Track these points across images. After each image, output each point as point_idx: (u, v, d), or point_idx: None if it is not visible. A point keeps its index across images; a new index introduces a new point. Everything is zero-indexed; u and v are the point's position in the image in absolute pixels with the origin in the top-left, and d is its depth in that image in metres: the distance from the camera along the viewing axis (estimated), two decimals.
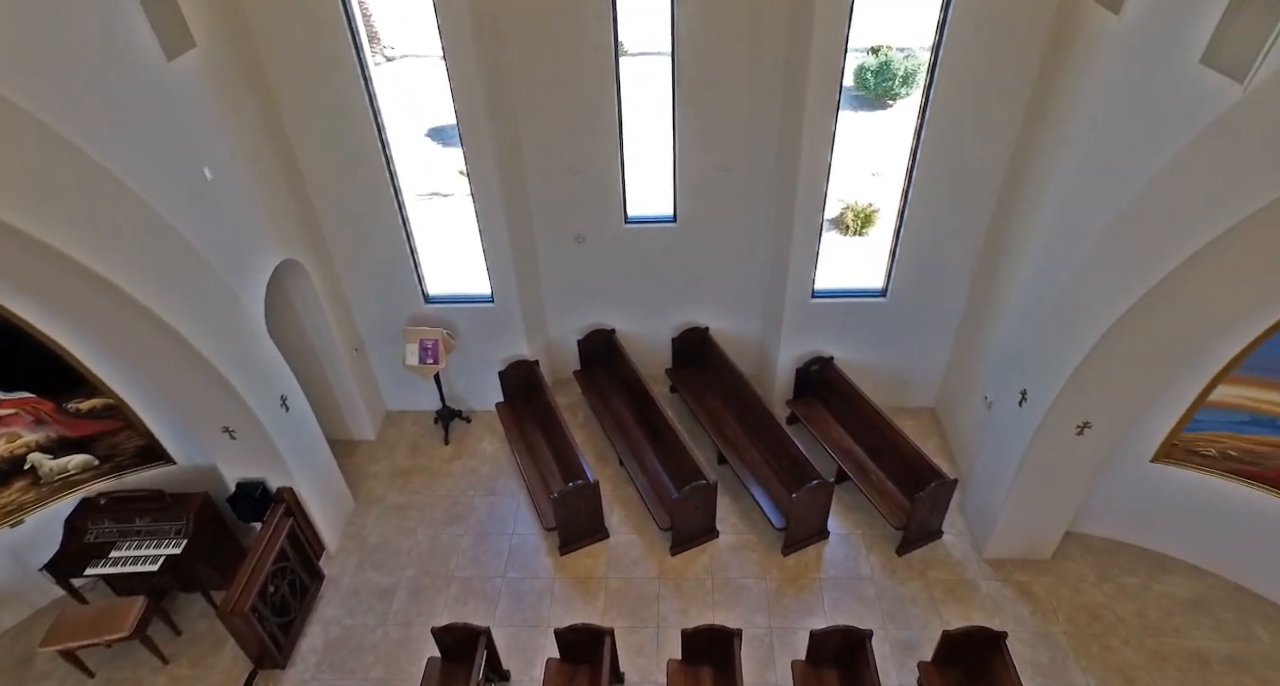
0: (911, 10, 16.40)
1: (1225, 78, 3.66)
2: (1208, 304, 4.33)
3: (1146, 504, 6.34)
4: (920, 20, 16.64)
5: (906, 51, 15.41)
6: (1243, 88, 3.57)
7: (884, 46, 15.23)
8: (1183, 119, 3.93)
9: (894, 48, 15.33)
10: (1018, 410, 5.81)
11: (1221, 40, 3.69)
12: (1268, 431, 5.45)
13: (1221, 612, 6.23)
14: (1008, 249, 6.37)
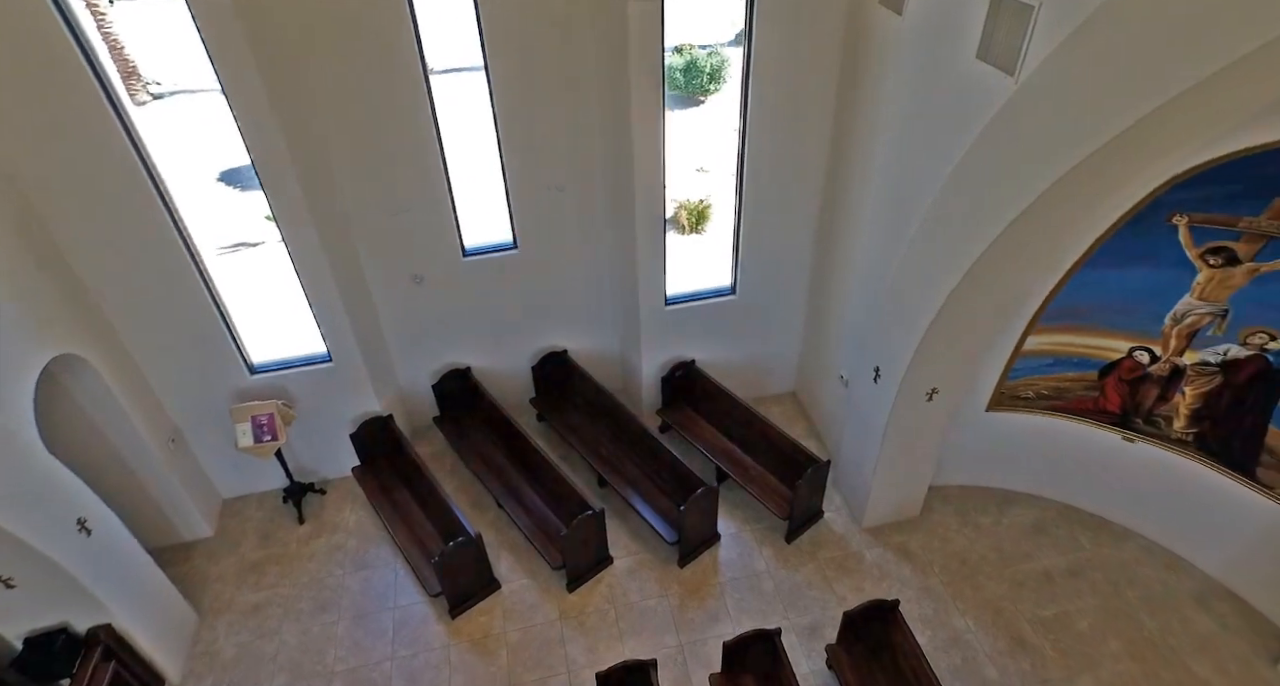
0: (707, 9, 17.13)
1: (999, 71, 4.01)
2: (1018, 271, 4.77)
3: (988, 449, 6.96)
4: (717, 18, 17.47)
5: (709, 48, 16.05)
6: (1014, 80, 3.92)
7: (686, 45, 15.78)
8: (971, 109, 4.27)
9: (696, 46, 15.91)
10: (873, 386, 6.15)
11: (990, 37, 4.04)
12: (1066, 369, 6.17)
13: (1055, 531, 6.98)
14: (840, 236, 6.73)
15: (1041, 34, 3.68)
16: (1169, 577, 6.54)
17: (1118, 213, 4.98)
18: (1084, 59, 3.50)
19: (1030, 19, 3.73)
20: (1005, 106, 4.01)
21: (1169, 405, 5.92)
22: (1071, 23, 3.48)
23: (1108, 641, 6.14)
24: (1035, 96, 3.82)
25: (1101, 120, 3.51)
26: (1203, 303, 5.29)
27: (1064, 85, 3.65)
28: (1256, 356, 5.33)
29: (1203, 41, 3.01)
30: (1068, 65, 3.58)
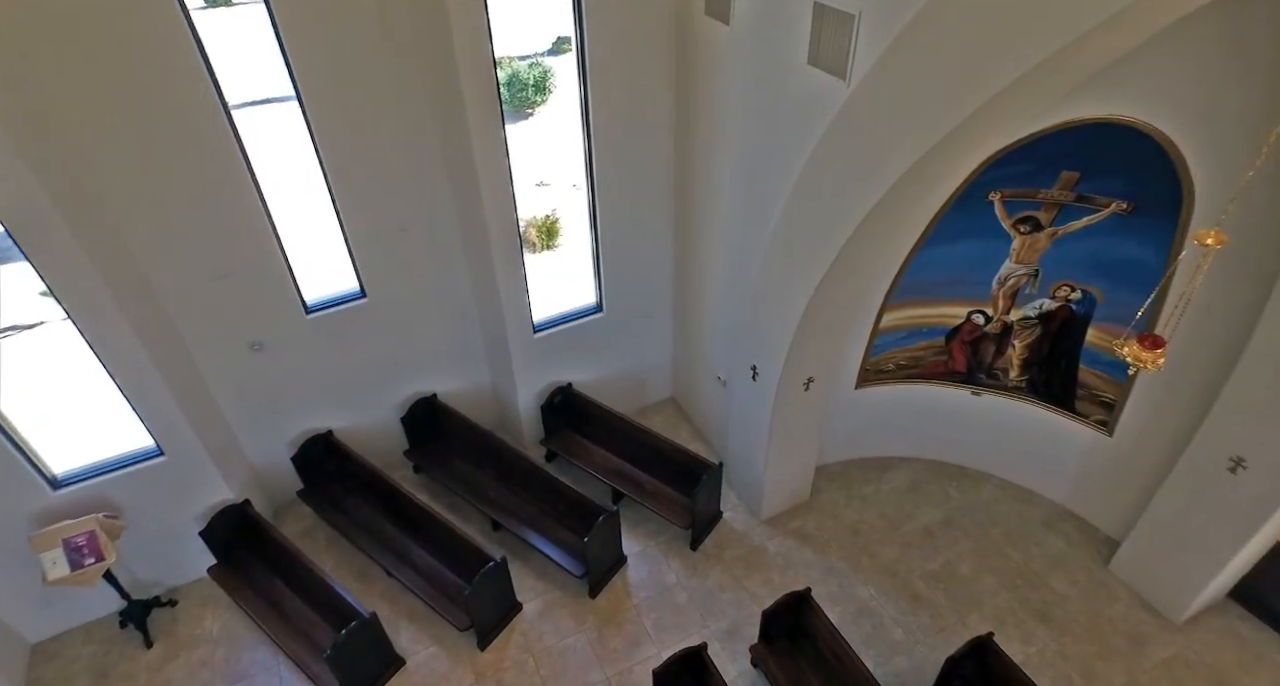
0: (521, 21, 16.85)
1: (831, 76, 4.22)
2: (874, 259, 5.08)
3: (861, 423, 7.41)
4: (531, 29, 17.26)
5: (529, 59, 15.84)
6: (846, 84, 4.14)
7: (504, 58, 15.46)
8: (811, 112, 4.47)
9: (514, 58, 15.64)
10: (753, 384, 6.31)
11: (818, 44, 4.24)
12: (918, 339, 6.70)
13: (927, 487, 7.57)
14: (697, 241, 6.84)
15: (866, 40, 3.91)
16: (1022, 510, 7.30)
17: (946, 195, 5.47)
18: (908, 63, 3.75)
19: (853, 26, 3.95)
20: (842, 109, 4.23)
21: (1004, 358, 6.61)
22: (892, 29, 3.72)
23: (984, 579, 6.74)
24: (869, 99, 4.06)
25: (931, 119, 3.78)
26: (1019, 265, 5.95)
27: (894, 88, 3.90)
28: (1063, 306, 6.08)
29: (1013, 46, 3.31)
30: (895, 69, 3.83)
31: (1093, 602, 6.50)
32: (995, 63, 3.40)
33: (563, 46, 17.14)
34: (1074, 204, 5.43)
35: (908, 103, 3.87)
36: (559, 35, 17.31)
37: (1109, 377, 6.16)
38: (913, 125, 3.90)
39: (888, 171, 4.16)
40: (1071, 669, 6.06)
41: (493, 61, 5.35)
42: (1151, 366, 3.51)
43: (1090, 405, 6.41)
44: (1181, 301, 3.46)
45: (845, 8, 3.93)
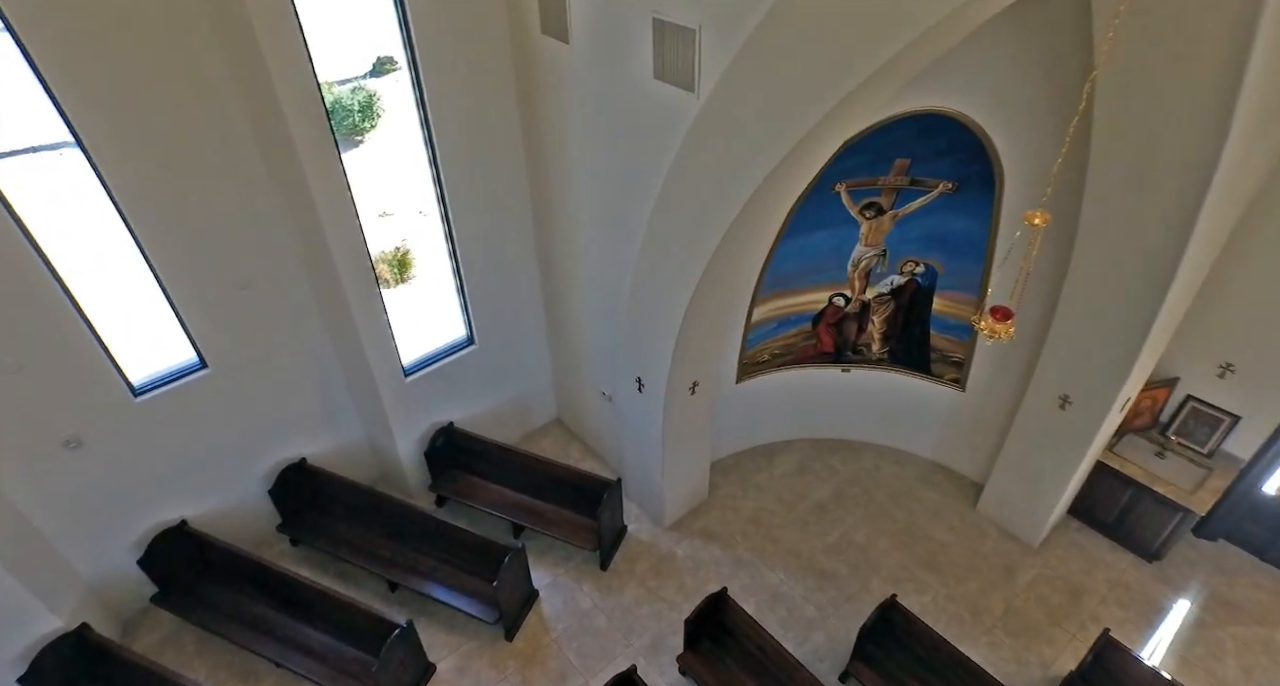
0: (336, 41, 15.62)
1: (680, 89, 4.22)
2: (745, 259, 5.17)
3: (745, 415, 7.61)
4: (348, 50, 16.06)
5: (349, 83, 14.79)
6: (696, 96, 4.17)
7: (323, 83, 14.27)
8: (665, 126, 4.47)
9: (333, 83, 14.55)
10: (639, 395, 6.28)
11: (662, 59, 4.23)
12: (788, 327, 6.99)
13: (814, 465, 7.94)
14: (564, 259, 6.68)
15: (710, 53, 3.95)
16: (899, 471, 7.85)
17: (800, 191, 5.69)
18: (755, 74, 3.83)
19: (695, 41, 3.97)
20: (695, 122, 4.25)
21: (866, 334, 7.04)
22: (734, 42, 3.78)
23: (878, 542, 7.17)
24: (721, 110, 4.11)
25: (783, 126, 3.89)
26: (869, 248, 6.35)
27: (744, 98, 3.97)
28: (911, 280, 6.57)
29: (852, 55, 3.45)
30: (742, 80, 3.89)
31: (968, 543, 7.10)
32: (837, 71, 3.54)
33: (385, 67, 16.12)
34: (909, 187, 5.87)
35: (759, 112, 3.95)
36: (379, 56, 16.26)
37: (956, 339, 6.75)
38: (766, 133, 3.99)
39: (747, 179, 4.24)
40: (961, 608, 6.58)
41: (318, 89, 4.90)
42: (1005, 336, 3.81)
43: (944, 366, 6.99)
44: (1022, 275, 3.78)
45: (685, 23, 3.95)
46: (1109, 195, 4.87)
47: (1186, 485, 6.39)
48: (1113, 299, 5.29)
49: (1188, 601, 6.57)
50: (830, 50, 3.51)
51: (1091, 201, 4.99)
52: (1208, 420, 6.46)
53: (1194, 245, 4.77)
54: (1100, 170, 4.80)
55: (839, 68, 3.52)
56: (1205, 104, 4.06)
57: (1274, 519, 6.60)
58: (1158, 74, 4.14)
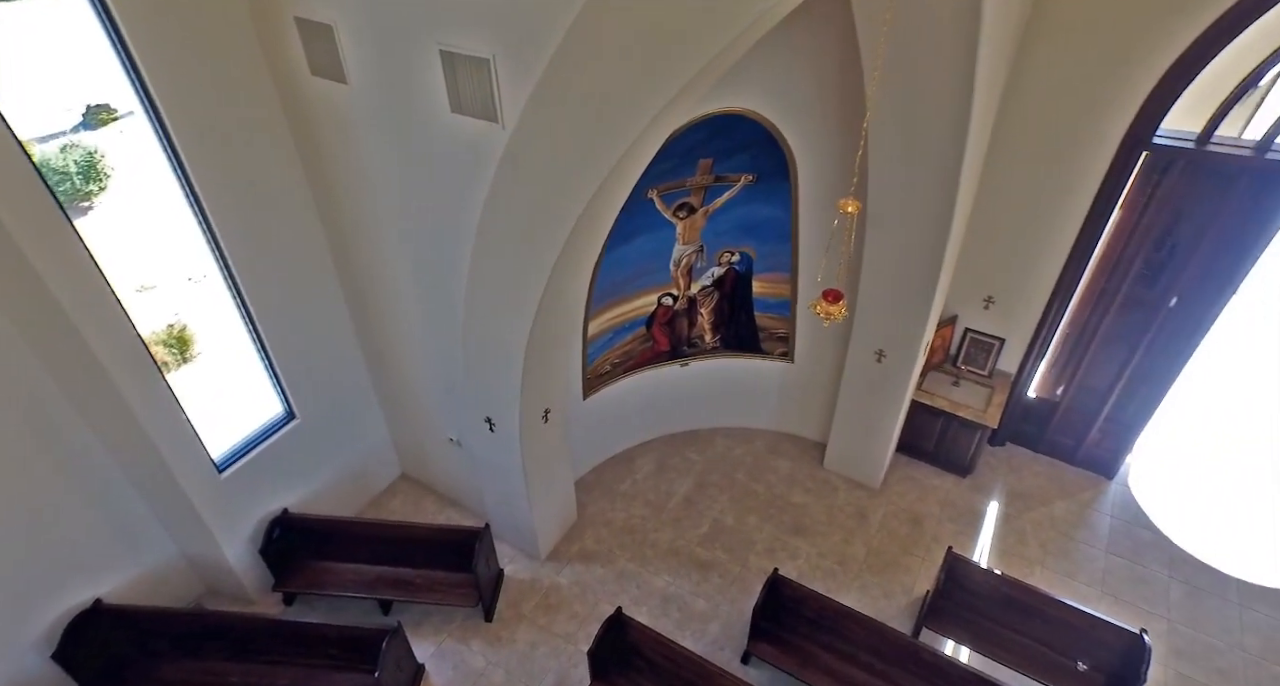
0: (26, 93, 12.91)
1: (484, 121, 3.96)
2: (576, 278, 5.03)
3: (597, 428, 7.54)
4: (43, 102, 13.24)
5: (55, 139, 12.23)
6: (502, 127, 3.93)
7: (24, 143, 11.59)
8: (474, 159, 4.18)
9: (33, 141, 11.92)
10: (491, 435, 5.95)
11: (457, 92, 3.94)
12: (624, 335, 7.01)
13: (671, 462, 8.08)
14: (382, 309, 6.11)
15: (510, 82, 3.73)
16: (750, 448, 8.23)
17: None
18: (561, 98, 3.68)
19: (490, 71, 3.73)
20: (506, 153, 4.02)
21: (698, 327, 7.25)
22: (535, 68, 3.60)
23: (747, 520, 7.49)
24: (531, 138, 3.92)
25: (598, 149, 3.79)
26: (687, 245, 6.52)
27: (554, 124, 3.81)
28: (729, 270, 6.87)
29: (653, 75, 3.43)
30: (550, 106, 3.73)
31: (824, 500, 7.66)
32: (645, 89, 3.50)
33: (102, 117, 13.38)
34: (715, 184, 6.09)
35: (572, 136, 3.82)
36: (89, 104, 13.49)
37: (779, 317, 7.18)
38: (583, 156, 3.87)
39: (571, 203, 4.10)
40: (831, 562, 7.09)
41: (20, 148, 3.97)
42: (839, 316, 4.04)
43: (772, 343, 7.41)
44: (844, 258, 4.04)
45: (477, 53, 3.69)
46: (888, 173, 5.38)
47: (979, 405, 7.35)
48: (905, 260, 5.88)
49: (996, 502, 7.61)
50: (635, 69, 3.46)
51: (876, 181, 5.47)
52: (983, 347, 7.47)
53: (958, 206, 5.44)
54: (878, 154, 5.27)
55: (647, 85, 3.49)
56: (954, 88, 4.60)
57: (1039, 417, 7.83)
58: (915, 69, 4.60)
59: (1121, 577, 6.88)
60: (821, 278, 5.77)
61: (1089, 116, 5.74)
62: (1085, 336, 7.13)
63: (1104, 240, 6.46)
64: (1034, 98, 5.76)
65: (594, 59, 3.46)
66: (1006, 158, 6.10)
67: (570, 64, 3.50)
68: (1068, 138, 5.90)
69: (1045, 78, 5.64)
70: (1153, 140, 5.75)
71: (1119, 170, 5.95)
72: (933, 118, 4.84)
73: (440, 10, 3.68)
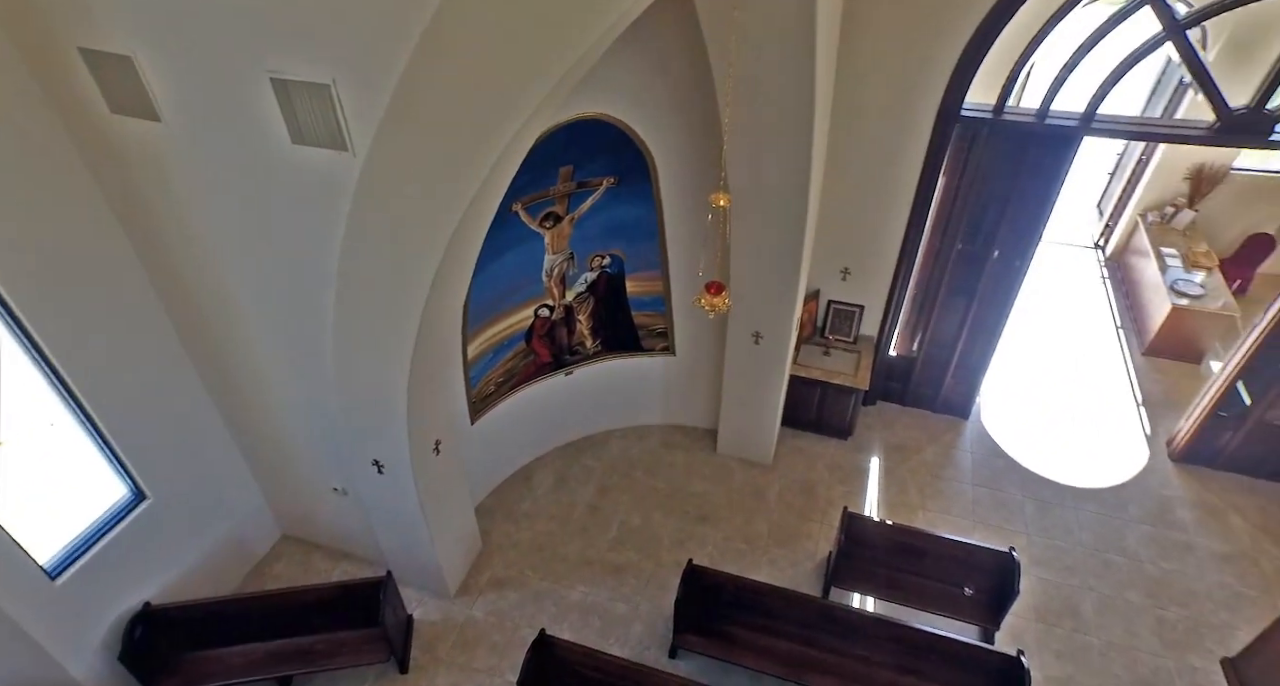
0: None
1: (331, 150, 3.64)
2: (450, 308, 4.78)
3: (490, 451, 7.28)
4: None
5: None
6: (353, 155, 3.63)
7: None
8: (327, 191, 3.83)
9: None
10: (381, 477, 5.57)
11: (295, 121, 3.59)
12: (504, 352, 6.79)
13: (570, 471, 7.95)
14: (238, 367, 5.52)
15: (358, 105, 3.45)
16: (645, 445, 8.28)
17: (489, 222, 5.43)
18: (418, 118, 3.45)
19: (331, 96, 3.43)
20: (361, 181, 3.73)
21: (577, 334, 7.17)
22: (383, 90, 3.35)
23: (653, 517, 7.54)
24: (389, 163, 3.65)
25: (462, 168, 3.61)
26: (557, 255, 6.40)
27: (413, 145, 3.57)
28: (602, 273, 6.83)
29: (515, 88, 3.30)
30: (405, 127, 3.49)
31: (722, 485, 7.86)
32: (506, 104, 3.37)
33: None
34: (578, 190, 6.01)
35: (432, 159, 3.60)
36: None
37: (655, 313, 7.25)
38: (446, 179, 3.67)
39: (438, 231, 3.88)
40: (738, 543, 7.30)
41: None
42: (723, 307, 4.14)
43: (652, 339, 7.48)
44: (720, 249, 4.13)
45: (313, 79, 3.38)
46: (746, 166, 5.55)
47: (850, 370, 7.84)
48: (771, 246, 6.11)
49: (876, 458, 8.18)
50: (494, 82, 3.31)
51: (736, 174, 5.63)
52: (845, 315, 7.97)
53: (812, 190, 5.74)
54: (736, 148, 5.42)
55: (509, 98, 3.36)
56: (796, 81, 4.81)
57: (901, 373, 8.50)
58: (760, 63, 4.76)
59: (987, 505, 7.63)
60: (702, 272, 5.86)
61: (909, 94, 6.25)
62: (930, 294, 7.78)
63: (934, 205, 7.07)
64: (862, 81, 6.18)
65: (448, 76, 3.27)
66: (846, 138, 6.51)
67: (422, 83, 3.29)
68: (894, 115, 6.39)
69: (869, 62, 6.06)
70: (960, 112, 6.34)
71: (938, 141, 6.51)
72: (780, 111, 5.05)
73: (263, 34, 3.33)
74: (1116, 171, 11.72)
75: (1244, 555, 7.06)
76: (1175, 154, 10.02)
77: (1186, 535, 7.26)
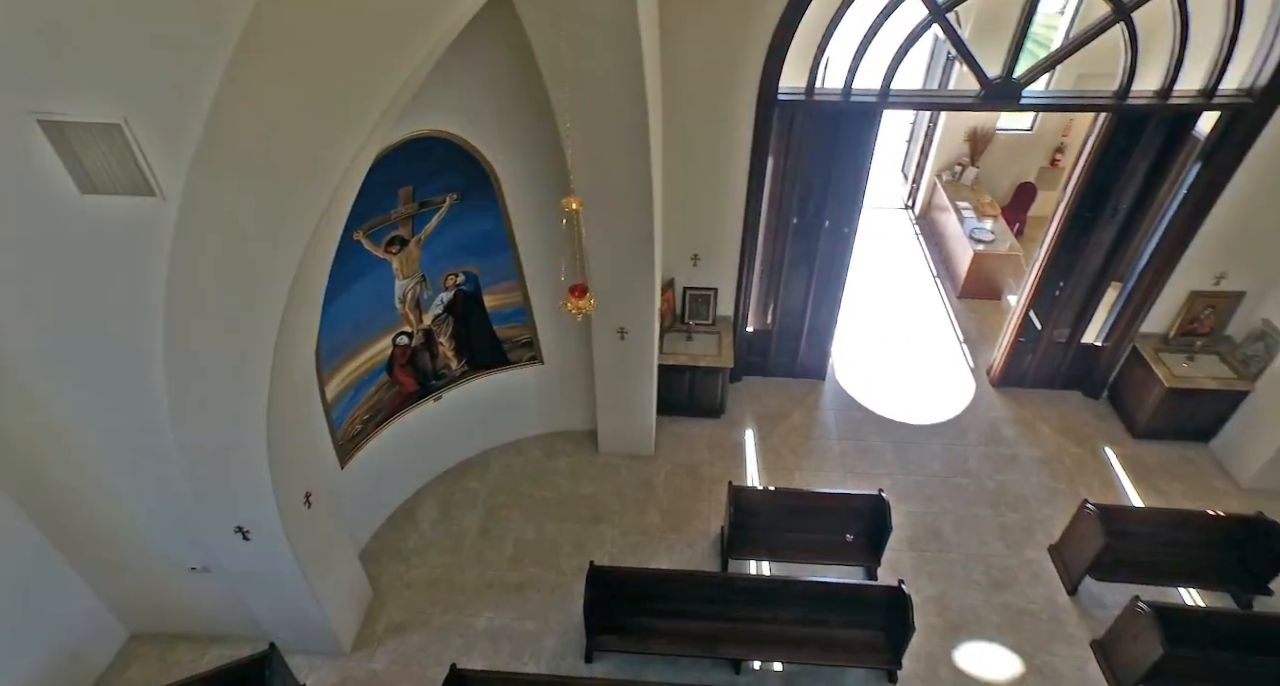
0: None
1: (134, 197, 3.22)
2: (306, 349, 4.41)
3: (366, 492, 6.84)
4: None
5: None
6: (163, 198, 3.24)
7: None
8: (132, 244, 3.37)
9: None
10: (248, 545, 5.07)
11: (83, 168, 3.12)
12: (366, 388, 6.38)
13: (454, 499, 7.62)
14: (41, 459, 4.73)
15: (160, 145, 3.07)
16: (527, 457, 8.13)
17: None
18: (237, 155, 3.13)
19: (125, 137, 3.02)
20: (179, 227, 3.32)
21: (441, 358, 6.88)
22: (191, 126, 3.00)
23: (546, 528, 7.43)
24: (208, 206, 3.28)
25: (294, 205, 3.33)
26: (408, 279, 6.08)
27: (234, 185, 3.23)
28: (457, 292, 6.58)
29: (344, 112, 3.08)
30: (222, 166, 3.15)
31: (610, 483, 7.90)
32: (337, 127, 3.14)
33: None
34: (421, 210, 5.73)
35: (261, 195, 3.29)
36: None
37: (518, 324, 7.12)
38: (279, 215, 3.37)
39: (277, 275, 3.56)
40: (636, 537, 7.36)
41: None
42: (589, 308, 4.14)
43: (519, 350, 7.34)
44: (581, 252, 4.12)
45: (99, 119, 2.95)
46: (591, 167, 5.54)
47: (713, 351, 8.15)
48: (624, 241, 6.17)
49: (750, 430, 8.58)
50: (322, 106, 3.08)
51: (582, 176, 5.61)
52: (701, 299, 8.26)
53: (655, 183, 5.86)
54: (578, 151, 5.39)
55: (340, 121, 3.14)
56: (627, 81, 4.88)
57: (760, 347, 8.96)
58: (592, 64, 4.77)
59: (853, 455, 8.25)
60: (564, 276, 5.81)
61: (730, 83, 6.57)
62: (775, 268, 8.24)
63: (767, 185, 7.47)
64: (688, 75, 6.41)
65: (269, 105, 2.99)
66: (680, 130, 6.73)
67: (239, 114, 2.98)
68: (719, 104, 6.69)
69: (692, 55, 6.29)
70: (777, 97, 6.73)
71: (761, 125, 6.89)
72: (615, 110, 5.10)
73: (20, 69, 2.85)
74: (912, 138, 12.99)
75: (1053, 456, 8.16)
76: (954, 120, 11.28)
77: (1012, 448, 8.26)
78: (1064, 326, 8.48)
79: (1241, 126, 6.64)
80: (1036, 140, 11.47)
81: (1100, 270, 7.99)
